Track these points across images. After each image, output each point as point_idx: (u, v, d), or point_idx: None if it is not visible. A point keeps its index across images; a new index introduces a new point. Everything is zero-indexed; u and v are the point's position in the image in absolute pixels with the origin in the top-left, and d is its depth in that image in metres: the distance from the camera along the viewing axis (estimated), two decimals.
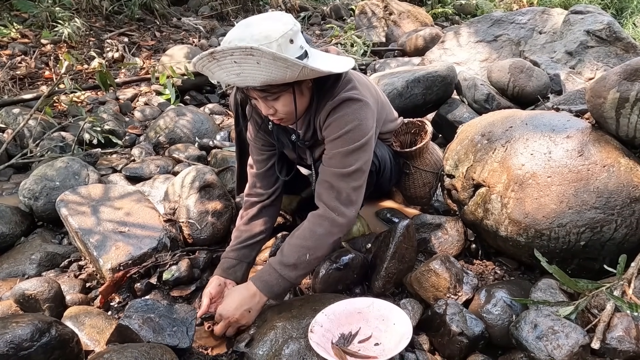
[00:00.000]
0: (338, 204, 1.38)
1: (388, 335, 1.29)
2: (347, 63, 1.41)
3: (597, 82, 1.52)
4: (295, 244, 1.39)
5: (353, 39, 4.55)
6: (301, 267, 1.38)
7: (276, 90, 1.32)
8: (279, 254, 1.40)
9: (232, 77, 1.26)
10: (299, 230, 1.41)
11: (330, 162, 1.41)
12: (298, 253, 1.37)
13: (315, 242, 1.38)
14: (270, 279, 1.38)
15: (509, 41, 3.53)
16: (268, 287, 1.38)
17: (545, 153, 1.51)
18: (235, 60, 1.19)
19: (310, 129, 1.50)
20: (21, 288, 1.46)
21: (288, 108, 1.37)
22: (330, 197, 1.39)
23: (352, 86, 1.44)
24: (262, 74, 1.22)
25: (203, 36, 5.26)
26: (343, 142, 1.39)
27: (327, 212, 1.38)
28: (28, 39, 4.29)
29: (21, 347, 1.05)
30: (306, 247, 1.37)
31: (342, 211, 1.37)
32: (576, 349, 1.13)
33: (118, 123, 3.12)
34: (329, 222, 1.37)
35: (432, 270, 1.45)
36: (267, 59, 1.18)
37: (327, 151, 1.43)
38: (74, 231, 1.69)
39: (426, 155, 1.90)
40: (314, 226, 1.39)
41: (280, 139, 1.60)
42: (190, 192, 1.87)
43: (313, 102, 1.44)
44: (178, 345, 1.25)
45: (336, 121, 1.39)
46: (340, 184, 1.38)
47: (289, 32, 1.25)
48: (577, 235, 1.40)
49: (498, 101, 2.60)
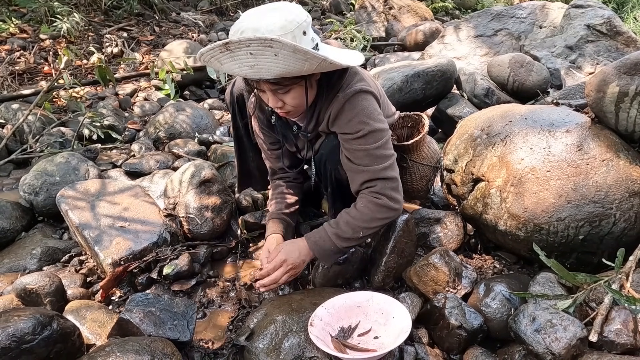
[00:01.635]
0: (396, 194, 1.43)
1: (387, 329, 1.30)
2: (359, 56, 1.42)
3: (596, 76, 1.52)
4: (352, 223, 1.43)
5: (353, 33, 4.53)
6: (353, 240, 1.45)
7: (288, 83, 1.31)
8: (335, 226, 1.45)
9: (244, 69, 1.23)
10: (357, 211, 1.44)
11: (368, 160, 1.41)
12: (353, 230, 1.43)
13: (373, 224, 1.44)
14: (325, 245, 1.45)
15: (509, 36, 3.52)
16: (322, 251, 1.46)
17: (544, 147, 1.51)
18: (251, 51, 1.16)
19: (313, 121, 1.50)
20: (22, 282, 1.46)
21: (297, 101, 1.37)
22: (388, 189, 1.42)
23: (360, 78, 1.44)
24: (279, 66, 1.20)
25: (202, 31, 5.24)
26: (373, 137, 1.40)
27: (389, 201, 1.42)
28: (27, 34, 4.27)
29: (23, 340, 1.05)
30: (362, 228, 1.43)
31: (394, 197, 1.43)
32: (574, 341, 1.14)
33: (117, 118, 3.11)
34: (387, 210, 1.43)
35: (432, 264, 1.46)
36: (286, 51, 1.15)
37: (355, 149, 1.42)
38: (75, 226, 1.69)
39: (423, 149, 1.90)
40: (374, 213, 1.43)
41: (283, 132, 1.60)
42: (190, 187, 1.87)
43: (320, 94, 1.44)
44: (179, 339, 1.26)
45: (357, 116, 1.39)
46: (390, 173, 1.43)
47: (303, 23, 1.24)
48: (575, 229, 1.41)
49: (498, 96, 2.60)
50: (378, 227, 1.46)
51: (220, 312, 1.55)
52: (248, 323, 1.38)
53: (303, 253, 1.45)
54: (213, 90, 3.87)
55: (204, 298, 1.60)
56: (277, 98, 1.36)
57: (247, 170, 1.91)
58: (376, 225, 1.45)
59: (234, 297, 1.61)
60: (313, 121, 1.50)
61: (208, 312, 1.55)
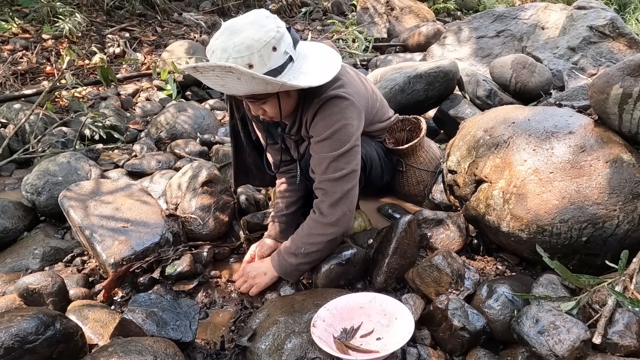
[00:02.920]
0: (332, 210, 1.44)
1: (390, 330, 1.29)
2: (332, 68, 1.41)
3: (600, 77, 1.51)
4: (295, 238, 1.52)
5: (354, 34, 4.53)
6: (300, 257, 1.49)
7: (261, 97, 1.37)
8: (288, 243, 1.53)
9: (217, 86, 1.31)
10: (302, 225, 1.50)
11: (321, 168, 1.44)
12: (296, 245, 1.50)
13: (312, 239, 1.48)
14: (281, 262, 1.53)
15: (512, 37, 3.52)
16: (278, 267, 1.54)
17: (547, 149, 1.51)
18: (217, 75, 1.23)
19: (296, 124, 1.54)
20: (25, 282, 1.46)
21: (276, 110, 1.43)
22: (324, 203, 1.45)
23: (340, 84, 1.45)
24: (244, 87, 1.27)
25: (204, 31, 5.25)
26: (331, 144, 1.41)
27: (322, 217, 1.45)
28: (29, 34, 4.28)
29: (26, 341, 1.05)
30: (304, 243, 1.49)
31: (337, 217, 1.44)
32: (577, 343, 1.13)
33: (119, 118, 3.12)
34: (322, 226, 1.46)
35: (434, 265, 1.46)
36: (245, 77, 1.21)
37: (315, 152, 1.46)
38: (77, 226, 1.69)
39: (420, 153, 1.89)
40: (311, 229, 1.49)
41: (270, 130, 1.66)
42: (192, 188, 1.87)
43: (301, 100, 1.48)
44: (181, 339, 1.26)
45: (323, 120, 1.42)
46: (334, 188, 1.43)
47: (272, 40, 1.26)
48: (579, 230, 1.40)
49: (500, 97, 2.60)
50: (321, 244, 1.47)
51: (223, 312, 1.55)
52: (250, 324, 1.37)
53: (268, 271, 1.55)
54: (215, 91, 3.87)
55: (206, 298, 1.60)
56: (256, 107, 1.44)
57: (244, 166, 1.92)
58: (316, 242, 1.46)
59: (236, 297, 1.60)
60: (296, 125, 1.55)
61: (210, 313, 1.55)
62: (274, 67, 1.29)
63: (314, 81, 1.35)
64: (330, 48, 1.52)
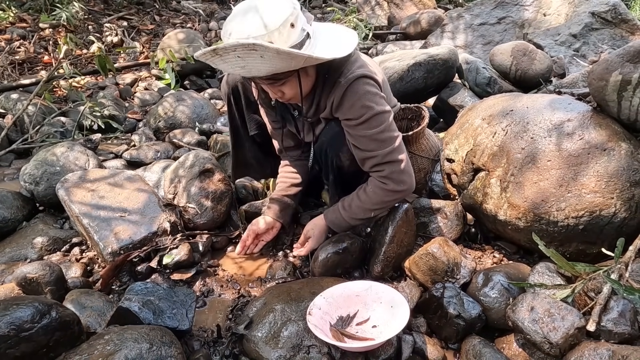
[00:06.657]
0: (403, 177, 1.48)
1: (386, 318, 1.30)
2: (351, 42, 1.40)
3: (599, 64, 1.49)
4: (363, 207, 1.54)
5: (355, 22, 4.49)
6: (366, 219, 1.59)
7: (282, 77, 1.33)
8: (348, 209, 1.57)
9: (237, 69, 1.27)
10: (367, 195, 1.52)
11: (372, 145, 1.44)
12: (364, 212, 1.55)
13: (382, 205, 1.54)
14: (341, 224, 1.62)
15: (513, 24, 3.48)
16: (338, 229, 1.64)
17: (545, 137, 1.49)
18: (238, 55, 1.18)
19: (314, 105, 1.51)
20: (23, 271, 1.47)
21: (295, 91, 1.40)
22: (394, 173, 1.47)
23: (362, 64, 1.44)
24: (267, 65, 1.22)
25: (203, 20, 5.20)
26: (374, 122, 1.41)
27: (395, 185, 1.48)
28: (26, 24, 4.25)
29: (22, 329, 1.06)
30: (372, 209, 1.54)
31: (402, 179, 1.48)
32: (572, 331, 1.14)
33: (118, 108, 3.11)
34: (393, 193, 1.50)
35: (431, 253, 1.46)
36: (270, 53, 1.17)
37: (354, 132, 1.44)
38: (75, 215, 1.70)
39: (422, 141, 1.89)
40: (380, 196, 1.51)
41: (283, 115, 1.63)
42: (190, 177, 1.87)
43: (319, 80, 1.44)
44: (178, 327, 1.26)
45: (359, 100, 1.39)
46: (395, 156, 1.46)
47: (289, 17, 1.24)
48: (575, 219, 1.40)
49: (500, 85, 2.58)
50: (390, 205, 1.56)
51: (220, 301, 1.56)
52: (247, 312, 1.38)
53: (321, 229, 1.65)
54: (214, 80, 3.85)
55: (204, 287, 1.60)
56: (275, 89, 1.40)
57: (244, 160, 1.91)
58: (386, 206, 1.56)
59: (234, 286, 1.61)
60: (313, 107, 1.51)
61: (207, 301, 1.55)
62: (294, 44, 1.26)
63: (338, 53, 1.33)
64: (342, 26, 1.51)
